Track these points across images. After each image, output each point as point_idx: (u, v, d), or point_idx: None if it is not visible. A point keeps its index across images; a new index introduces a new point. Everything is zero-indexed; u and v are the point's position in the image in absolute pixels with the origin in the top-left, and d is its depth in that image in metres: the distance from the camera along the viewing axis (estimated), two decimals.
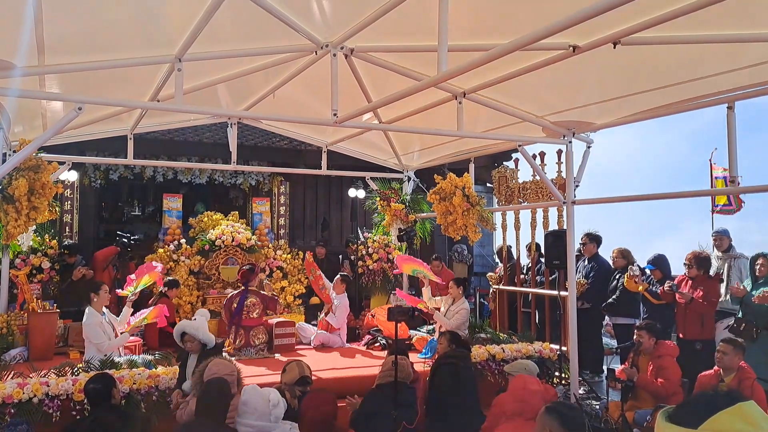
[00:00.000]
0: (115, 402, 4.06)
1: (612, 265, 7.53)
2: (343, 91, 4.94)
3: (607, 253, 7.69)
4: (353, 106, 5.12)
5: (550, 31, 2.99)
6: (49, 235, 7.79)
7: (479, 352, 6.26)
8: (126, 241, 7.86)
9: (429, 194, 7.77)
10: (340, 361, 6.57)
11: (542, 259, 7.61)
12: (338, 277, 7.57)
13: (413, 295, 7.87)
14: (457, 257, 10.92)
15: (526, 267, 8.30)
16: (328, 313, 7.40)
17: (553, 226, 7.53)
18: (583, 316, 6.84)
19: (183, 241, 8.37)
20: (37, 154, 6.30)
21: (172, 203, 8.96)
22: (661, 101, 5.12)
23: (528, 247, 8.20)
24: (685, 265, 6.49)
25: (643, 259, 7.25)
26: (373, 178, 9.12)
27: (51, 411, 4.64)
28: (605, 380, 6.25)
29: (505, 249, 8.50)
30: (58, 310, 6.74)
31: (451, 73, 3.63)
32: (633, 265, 7.10)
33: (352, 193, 9.36)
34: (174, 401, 4.82)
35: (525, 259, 8.32)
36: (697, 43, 3.89)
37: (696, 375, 5.17)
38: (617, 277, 7.34)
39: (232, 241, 8.24)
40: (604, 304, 7.38)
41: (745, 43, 3.88)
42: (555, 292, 7.06)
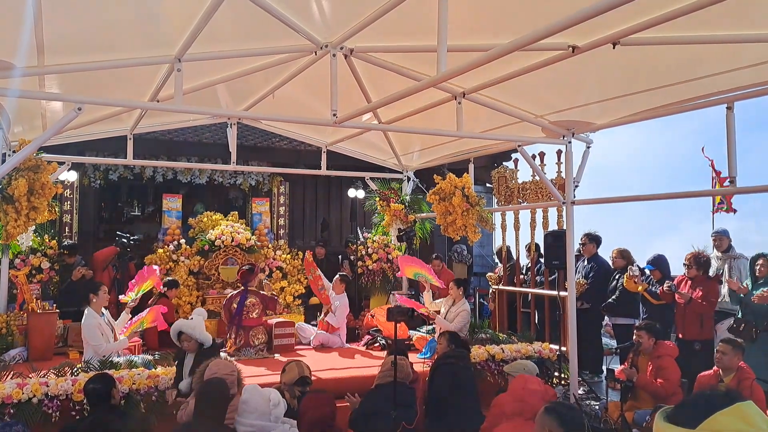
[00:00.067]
0: (114, 402, 4.06)
1: (611, 266, 7.54)
2: (343, 92, 4.94)
3: (606, 253, 7.71)
4: (353, 107, 5.12)
5: (550, 31, 2.99)
6: (49, 235, 7.80)
7: (479, 353, 6.26)
8: (125, 241, 7.85)
9: (428, 194, 7.76)
10: (340, 361, 6.57)
11: (542, 260, 7.60)
12: (337, 277, 7.57)
13: (413, 297, 7.88)
14: (457, 257, 10.91)
15: (526, 267, 8.29)
16: (327, 314, 7.40)
17: (553, 227, 7.53)
18: (582, 317, 6.84)
19: (182, 241, 8.38)
20: (37, 154, 6.30)
21: (172, 203, 8.96)
22: (661, 101, 5.12)
23: (527, 247, 8.19)
24: (684, 265, 6.50)
25: (643, 260, 7.28)
26: (373, 179, 9.11)
27: (50, 411, 4.63)
28: (605, 380, 6.25)
29: (505, 249, 8.50)
30: (57, 311, 6.74)
31: (451, 73, 3.63)
32: (632, 266, 7.11)
33: (352, 193, 9.36)
34: (169, 400, 4.83)
35: (524, 260, 8.32)
36: (697, 43, 3.89)
37: (695, 375, 5.17)
38: (617, 277, 7.34)
39: (232, 241, 8.24)
40: (603, 305, 7.38)
41: (745, 44, 3.88)
42: (554, 293, 7.06)
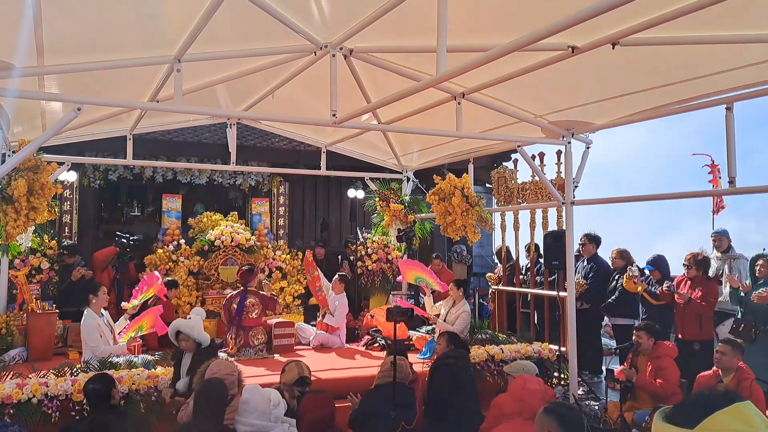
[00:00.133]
0: (114, 402, 4.06)
1: (611, 266, 7.54)
2: (342, 92, 4.94)
3: (606, 253, 7.72)
4: (352, 107, 5.12)
5: (550, 32, 2.99)
6: (48, 235, 7.80)
7: (478, 353, 6.26)
8: (125, 241, 7.85)
9: (428, 195, 7.76)
10: (339, 361, 6.57)
11: (541, 260, 7.60)
12: (336, 277, 7.56)
13: (412, 298, 7.87)
14: (457, 258, 10.91)
15: (526, 267, 8.29)
16: (325, 316, 7.38)
17: (553, 227, 7.52)
18: (582, 317, 6.83)
19: (182, 241, 8.38)
20: (37, 154, 6.30)
21: (172, 204, 8.96)
22: (661, 101, 5.12)
23: (527, 247, 8.19)
24: (684, 265, 6.50)
25: (643, 260, 7.28)
26: (373, 179, 9.11)
27: (50, 411, 4.63)
28: (604, 381, 6.23)
29: (504, 249, 8.50)
30: (57, 311, 6.75)
31: (450, 73, 3.63)
32: (632, 266, 7.11)
33: (352, 193, 9.36)
34: (166, 399, 4.84)
35: (524, 260, 8.32)
36: (697, 43, 3.89)
37: (695, 375, 5.18)
38: (616, 277, 7.34)
39: (232, 241, 8.24)
40: (603, 305, 7.38)
41: (745, 44, 3.88)
42: (554, 293, 7.06)
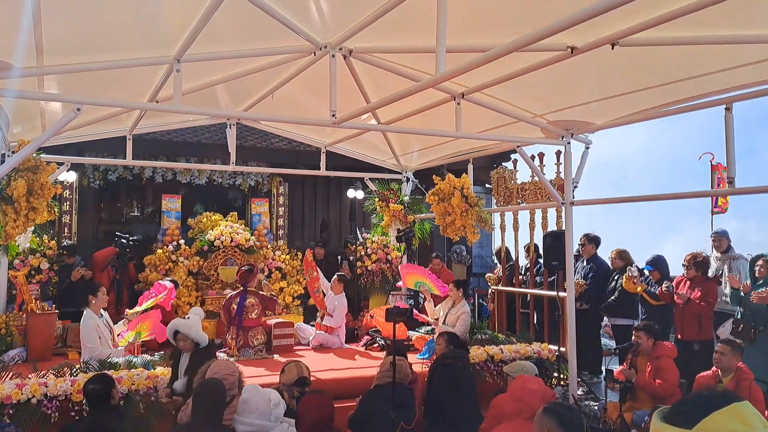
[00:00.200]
0: (113, 403, 4.06)
1: (610, 266, 7.54)
2: (342, 92, 4.94)
3: (605, 253, 7.72)
4: (352, 107, 5.12)
5: (549, 32, 2.98)
6: (48, 235, 7.79)
7: (478, 353, 6.26)
8: (125, 241, 7.85)
9: (428, 195, 7.76)
10: (339, 361, 6.57)
11: (541, 260, 7.60)
12: (335, 277, 7.56)
13: (412, 299, 7.87)
14: (456, 258, 10.91)
15: (525, 268, 8.29)
16: (323, 317, 7.37)
17: (552, 227, 7.53)
18: (581, 317, 6.83)
19: (182, 241, 8.37)
20: (36, 154, 6.29)
21: (171, 204, 8.95)
22: (660, 101, 5.12)
23: (526, 247, 8.20)
24: (683, 266, 6.50)
25: (643, 260, 7.27)
26: (372, 179, 9.10)
27: (49, 412, 4.63)
28: (604, 381, 6.24)
29: (504, 250, 8.50)
30: (56, 311, 6.75)
31: (450, 73, 3.63)
32: (631, 266, 7.11)
33: (351, 193, 9.36)
34: (163, 399, 4.83)
35: (524, 260, 8.32)
36: (697, 43, 3.89)
37: (694, 376, 5.18)
38: (616, 278, 7.35)
39: (231, 241, 8.24)
40: (602, 305, 7.39)
41: (744, 44, 3.88)
42: (554, 293, 7.06)
